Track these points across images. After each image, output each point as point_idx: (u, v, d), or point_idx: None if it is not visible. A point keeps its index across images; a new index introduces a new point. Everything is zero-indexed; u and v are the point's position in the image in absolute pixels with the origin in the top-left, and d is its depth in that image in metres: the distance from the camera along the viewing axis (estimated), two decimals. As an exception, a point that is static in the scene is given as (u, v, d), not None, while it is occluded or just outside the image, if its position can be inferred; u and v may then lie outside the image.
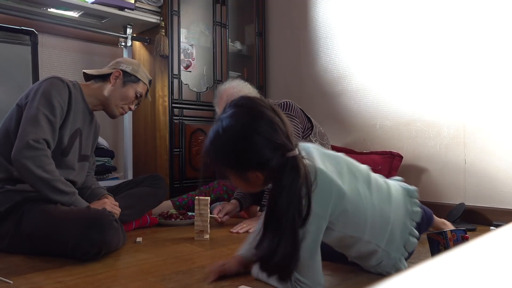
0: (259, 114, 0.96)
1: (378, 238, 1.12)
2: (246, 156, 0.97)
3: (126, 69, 1.78)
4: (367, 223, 1.09)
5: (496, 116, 2.08)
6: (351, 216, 1.05)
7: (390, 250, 1.14)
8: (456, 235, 1.35)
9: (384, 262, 1.16)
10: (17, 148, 1.43)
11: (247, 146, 0.96)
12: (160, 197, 2.06)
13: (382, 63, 2.54)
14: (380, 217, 1.11)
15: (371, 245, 1.12)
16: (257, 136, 0.95)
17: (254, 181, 1.01)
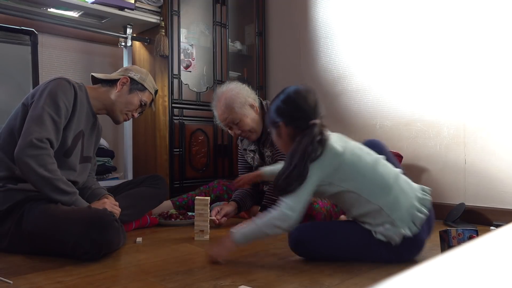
0: (303, 95, 1.37)
1: (378, 199, 1.29)
2: (287, 112, 1.35)
3: (134, 76, 1.80)
4: (365, 181, 1.30)
5: (496, 116, 2.08)
6: (348, 171, 1.30)
7: (394, 217, 1.28)
8: (463, 234, 1.35)
9: (389, 227, 1.28)
10: (20, 146, 1.44)
11: (292, 106, 1.35)
12: (160, 198, 2.06)
13: (382, 63, 2.54)
14: (381, 180, 1.31)
15: (371, 205, 1.29)
16: (299, 103, 1.35)
17: (283, 135, 1.37)
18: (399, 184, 1.33)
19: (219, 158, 2.84)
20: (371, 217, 1.31)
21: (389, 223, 1.28)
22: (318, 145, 1.27)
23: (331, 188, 1.32)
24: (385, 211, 1.28)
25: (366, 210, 1.30)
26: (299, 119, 1.33)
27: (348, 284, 1.16)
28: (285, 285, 1.14)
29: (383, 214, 1.28)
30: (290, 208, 1.26)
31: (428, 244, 1.62)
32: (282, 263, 1.36)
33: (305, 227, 1.39)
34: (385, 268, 1.32)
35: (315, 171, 1.27)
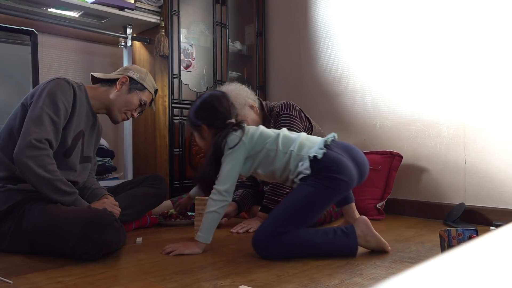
0: (218, 99, 1.60)
1: (289, 147, 1.50)
2: (205, 115, 1.56)
3: (133, 76, 1.80)
4: (274, 141, 1.51)
5: (496, 115, 2.08)
6: (260, 139, 1.52)
7: (303, 153, 1.47)
8: (463, 234, 1.35)
9: (302, 162, 1.45)
10: (19, 147, 1.43)
11: (209, 110, 1.57)
12: (160, 198, 2.06)
13: (382, 63, 2.54)
14: (287, 138, 1.53)
15: (285, 154, 1.49)
16: (215, 106, 1.57)
17: (207, 136, 1.58)
18: (302, 136, 1.53)
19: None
20: (290, 165, 1.47)
21: (301, 160, 1.45)
22: (238, 131, 1.51)
23: (254, 160, 1.51)
24: (295, 152, 1.47)
25: (284, 160, 1.47)
26: (217, 119, 1.55)
27: (348, 284, 1.16)
28: (285, 285, 1.14)
29: (295, 155, 1.46)
30: (219, 192, 1.47)
31: (428, 244, 1.63)
32: (282, 263, 1.36)
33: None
34: (385, 268, 1.32)
35: (236, 154, 1.48)
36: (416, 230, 1.92)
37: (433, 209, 2.27)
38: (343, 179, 1.42)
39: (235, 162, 1.49)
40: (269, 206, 1.97)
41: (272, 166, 1.51)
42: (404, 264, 1.36)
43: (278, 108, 2.12)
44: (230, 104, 1.59)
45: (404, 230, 1.93)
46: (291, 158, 1.47)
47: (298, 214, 1.43)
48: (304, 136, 1.54)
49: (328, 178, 1.41)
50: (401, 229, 1.94)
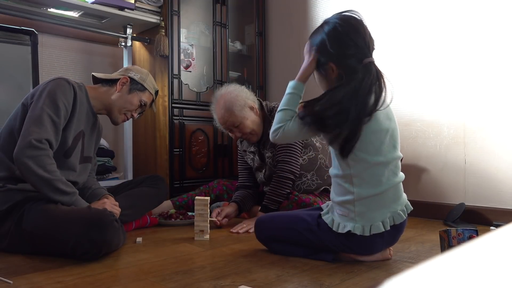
0: (357, 27, 1.33)
1: (359, 187, 1.29)
2: (340, 46, 1.27)
3: (134, 76, 1.80)
4: (366, 162, 1.27)
5: (496, 116, 2.08)
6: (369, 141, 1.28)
7: (357, 210, 1.29)
8: (463, 234, 1.35)
9: (344, 213, 1.32)
10: (19, 147, 1.44)
11: (342, 41, 1.28)
12: (160, 198, 2.06)
13: (382, 63, 2.52)
14: (379, 171, 1.31)
15: (349, 186, 1.29)
16: (351, 35, 1.28)
17: (329, 73, 1.29)
18: (392, 188, 1.30)
19: (219, 158, 2.84)
20: (340, 193, 1.31)
21: (348, 210, 1.29)
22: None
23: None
24: (354, 201, 1.27)
25: (342, 184, 1.30)
26: (352, 56, 1.28)
27: (348, 284, 1.16)
28: (285, 285, 1.14)
29: (350, 201, 1.28)
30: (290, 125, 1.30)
31: (428, 244, 1.63)
32: (282, 263, 1.36)
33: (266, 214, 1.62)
34: (385, 268, 1.32)
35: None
36: (416, 230, 1.92)
37: (433, 209, 2.27)
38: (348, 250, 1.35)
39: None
40: (269, 206, 1.97)
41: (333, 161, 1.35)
42: (404, 264, 1.36)
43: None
44: (370, 34, 1.35)
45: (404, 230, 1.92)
46: (347, 195, 1.29)
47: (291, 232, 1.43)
48: (391, 187, 1.30)
49: (341, 242, 1.33)
50: (401, 229, 1.93)
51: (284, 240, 1.45)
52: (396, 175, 1.34)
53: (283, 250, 1.46)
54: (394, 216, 1.30)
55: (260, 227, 1.52)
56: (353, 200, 1.28)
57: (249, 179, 2.28)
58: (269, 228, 1.49)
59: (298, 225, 1.40)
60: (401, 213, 1.31)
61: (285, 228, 1.44)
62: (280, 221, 1.47)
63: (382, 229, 1.28)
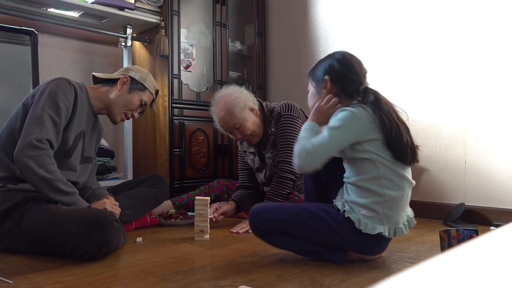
0: (357, 63, 1.42)
1: (389, 189, 1.27)
2: (345, 75, 1.37)
3: (134, 76, 1.80)
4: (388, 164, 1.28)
5: (496, 116, 2.08)
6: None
7: (386, 213, 1.28)
8: (463, 234, 1.35)
9: (374, 215, 1.28)
10: (19, 147, 1.44)
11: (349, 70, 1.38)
12: (160, 198, 2.06)
13: (382, 63, 2.54)
14: (401, 176, 1.30)
15: (378, 188, 1.27)
16: (353, 69, 1.39)
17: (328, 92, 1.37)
18: (408, 192, 1.32)
19: (219, 158, 2.84)
20: (367, 196, 1.27)
21: (376, 212, 1.27)
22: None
23: (353, 151, 1.29)
24: (383, 202, 1.26)
25: (370, 186, 1.27)
26: (352, 83, 1.36)
27: (348, 284, 1.16)
28: (285, 285, 1.14)
29: (379, 202, 1.26)
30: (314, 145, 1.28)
31: (428, 244, 1.63)
32: (282, 263, 1.36)
33: (266, 203, 1.51)
34: (385, 268, 1.32)
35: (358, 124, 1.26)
36: (416, 230, 1.92)
37: (433, 209, 2.27)
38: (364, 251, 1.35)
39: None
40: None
41: (354, 168, 1.32)
42: (404, 264, 1.36)
43: (279, 109, 2.12)
44: (366, 70, 1.44)
45: (404, 230, 1.92)
46: (375, 197, 1.26)
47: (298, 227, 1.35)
48: (407, 193, 1.32)
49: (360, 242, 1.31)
50: (401, 229, 1.93)
51: (291, 235, 1.36)
52: (411, 177, 1.34)
53: (291, 245, 1.38)
54: (408, 220, 1.34)
55: (260, 218, 1.38)
56: (383, 201, 1.26)
57: (249, 180, 2.28)
58: (274, 220, 1.36)
59: (311, 220, 1.32)
60: (412, 217, 1.36)
61: (294, 222, 1.34)
62: (289, 213, 1.35)
63: (405, 232, 1.31)
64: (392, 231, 1.29)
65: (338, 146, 1.27)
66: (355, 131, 1.26)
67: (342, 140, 1.27)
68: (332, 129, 1.27)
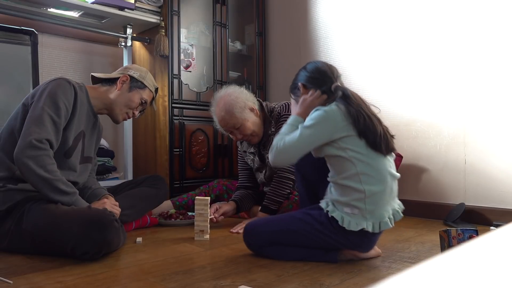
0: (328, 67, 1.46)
1: (368, 185, 1.30)
2: (317, 78, 1.42)
3: (133, 75, 1.80)
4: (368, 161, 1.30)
5: (496, 116, 2.08)
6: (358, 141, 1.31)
7: (368, 208, 1.30)
8: (463, 234, 1.35)
9: (356, 212, 1.30)
10: (19, 147, 1.44)
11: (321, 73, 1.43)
12: (160, 198, 2.06)
13: (382, 63, 2.54)
14: (381, 169, 1.33)
15: (358, 185, 1.29)
16: (325, 72, 1.42)
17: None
18: (391, 186, 1.34)
19: (219, 158, 2.84)
20: (347, 193, 1.30)
21: (358, 209, 1.29)
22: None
23: (329, 148, 1.32)
24: (364, 198, 1.28)
25: (350, 184, 1.29)
26: (325, 83, 1.40)
27: (348, 284, 1.16)
28: (285, 285, 1.14)
29: (360, 199, 1.28)
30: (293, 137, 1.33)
31: (428, 244, 1.63)
32: (282, 263, 1.36)
33: (257, 219, 1.53)
34: (385, 268, 1.32)
35: (330, 123, 1.29)
36: (416, 230, 1.92)
37: (433, 209, 2.27)
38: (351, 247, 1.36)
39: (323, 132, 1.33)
40: (270, 206, 1.97)
41: (334, 167, 1.35)
42: (404, 264, 1.36)
43: (279, 109, 2.12)
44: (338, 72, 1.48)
45: (404, 230, 1.93)
46: (355, 194, 1.29)
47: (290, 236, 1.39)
48: (390, 186, 1.33)
49: (345, 238, 1.33)
50: (401, 229, 1.93)
51: (282, 244, 1.39)
52: (394, 170, 1.37)
53: (283, 254, 1.39)
54: (394, 213, 1.34)
55: (253, 233, 1.43)
56: (364, 197, 1.28)
57: (249, 180, 2.28)
58: (265, 232, 1.40)
59: (297, 226, 1.36)
60: (398, 210, 1.36)
61: (282, 231, 1.38)
62: (277, 224, 1.40)
63: (390, 225, 1.32)
64: (377, 226, 1.30)
65: (309, 144, 1.32)
66: (327, 129, 1.30)
67: (313, 139, 1.31)
68: (304, 128, 1.31)
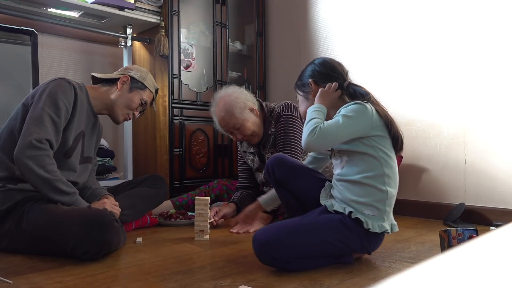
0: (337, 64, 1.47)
1: (391, 186, 1.31)
2: (328, 74, 1.41)
3: (134, 75, 1.80)
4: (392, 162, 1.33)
5: (496, 116, 2.08)
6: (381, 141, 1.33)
7: (387, 210, 1.31)
8: (463, 234, 1.35)
9: (377, 213, 1.29)
10: (19, 147, 1.44)
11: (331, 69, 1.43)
12: (160, 198, 2.06)
13: (382, 63, 2.54)
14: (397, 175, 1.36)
15: (382, 185, 1.29)
16: (335, 68, 1.43)
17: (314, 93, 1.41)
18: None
19: (219, 158, 2.84)
20: (370, 194, 1.27)
21: (378, 210, 1.28)
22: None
23: (361, 145, 1.30)
24: (386, 199, 1.29)
25: (374, 184, 1.27)
26: (337, 79, 1.40)
27: (348, 284, 1.16)
28: (285, 285, 1.14)
29: (382, 200, 1.28)
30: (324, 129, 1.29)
31: (428, 244, 1.63)
32: (282, 263, 1.36)
33: (270, 227, 1.32)
34: (385, 268, 1.32)
35: (369, 117, 1.29)
36: (416, 230, 1.92)
37: (433, 209, 2.27)
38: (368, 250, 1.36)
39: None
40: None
41: (358, 165, 1.31)
42: (404, 264, 1.36)
43: (278, 109, 2.11)
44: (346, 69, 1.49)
45: (404, 230, 1.93)
46: (378, 196, 1.28)
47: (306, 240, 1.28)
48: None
49: (367, 242, 1.31)
50: (401, 229, 1.93)
51: (313, 256, 1.30)
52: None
53: (310, 265, 1.29)
54: (395, 222, 1.36)
55: (278, 247, 1.23)
56: (386, 198, 1.29)
57: (249, 180, 2.28)
58: (297, 246, 1.25)
59: (334, 238, 1.27)
60: (395, 223, 1.36)
61: (319, 244, 1.27)
62: (307, 235, 1.27)
63: (397, 228, 1.34)
64: (391, 228, 1.32)
65: (348, 133, 1.29)
66: (366, 123, 1.29)
67: (352, 129, 1.29)
68: (345, 117, 1.28)
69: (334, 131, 1.27)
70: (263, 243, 1.24)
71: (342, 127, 1.27)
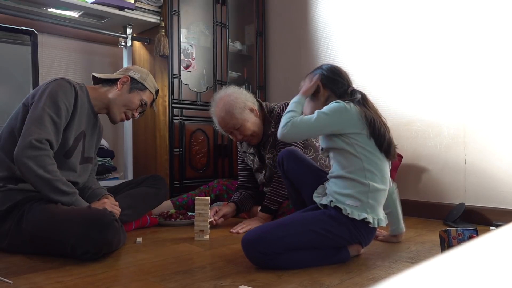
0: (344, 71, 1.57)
1: (373, 180, 1.36)
2: (335, 79, 1.51)
3: (134, 76, 1.80)
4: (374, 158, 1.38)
5: (496, 116, 2.08)
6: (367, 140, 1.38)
7: (371, 202, 1.35)
8: (463, 234, 1.35)
9: (359, 204, 1.33)
10: (19, 147, 1.44)
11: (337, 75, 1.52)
12: (160, 198, 2.06)
13: (382, 63, 2.54)
14: (385, 171, 1.41)
15: (363, 179, 1.35)
16: (342, 74, 1.54)
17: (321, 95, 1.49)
18: (387, 190, 1.41)
19: (219, 158, 2.85)
20: (351, 186, 1.34)
21: (361, 202, 1.33)
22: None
23: (340, 142, 1.37)
24: (368, 192, 1.33)
25: (355, 177, 1.34)
26: (342, 86, 1.50)
27: (348, 284, 1.16)
28: (285, 285, 1.14)
29: (364, 192, 1.33)
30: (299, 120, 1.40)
31: (428, 244, 1.63)
32: (282, 263, 1.36)
33: (257, 227, 1.38)
34: (385, 268, 1.32)
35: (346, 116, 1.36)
36: (416, 230, 1.92)
37: (433, 209, 2.27)
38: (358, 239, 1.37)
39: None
40: (270, 206, 1.97)
41: (340, 162, 1.38)
42: (404, 264, 1.37)
43: (278, 109, 2.11)
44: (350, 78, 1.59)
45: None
46: (360, 188, 1.33)
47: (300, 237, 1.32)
48: (389, 192, 1.47)
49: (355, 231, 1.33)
50: (401, 229, 1.94)
51: (301, 248, 1.31)
52: (389, 179, 1.45)
53: (302, 260, 1.30)
54: (383, 215, 1.40)
55: (269, 240, 1.26)
56: (368, 191, 1.33)
57: (249, 180, 2.28)
58: (285, 237, 1.28)
59: (313, 225, 1.31)
60: (383, 218, 1.38)
61: (305, 232, 1.30)
62: (292, 226, 1.31)
63: (384, 224, 1.38)
64: (376, 221, 1.34)
65: (319, 128, 1.39)
66: (341, 121, 1.36)
67: (327, 125, 1.37)
68: (322, 113, 1.37)
69: (305, 125, 1.38)
70: (250, 240, 1.29)
71: (315, 122, 1.37)
